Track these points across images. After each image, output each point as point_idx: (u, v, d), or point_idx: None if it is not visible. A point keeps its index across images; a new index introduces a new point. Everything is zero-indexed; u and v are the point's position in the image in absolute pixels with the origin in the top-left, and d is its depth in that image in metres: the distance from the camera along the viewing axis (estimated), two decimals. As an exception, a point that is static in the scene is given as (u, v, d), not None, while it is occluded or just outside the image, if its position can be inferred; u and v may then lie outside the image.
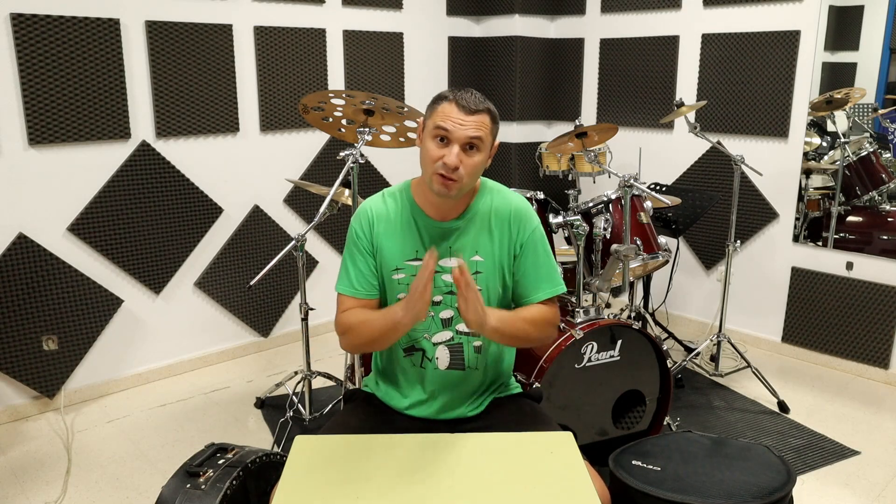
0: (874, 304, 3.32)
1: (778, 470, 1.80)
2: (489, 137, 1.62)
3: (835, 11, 3.30)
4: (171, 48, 3.13)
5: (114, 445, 2.79)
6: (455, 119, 1.57)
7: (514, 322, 1.65)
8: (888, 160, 3.30)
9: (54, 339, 3.00)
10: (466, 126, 1.57)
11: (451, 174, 1.57)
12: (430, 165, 1.60)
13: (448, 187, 1.59)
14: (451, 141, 1.58)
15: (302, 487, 1.35)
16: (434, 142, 1.60)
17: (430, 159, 1.60)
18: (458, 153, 1.57)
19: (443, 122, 1.58)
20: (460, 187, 1.61)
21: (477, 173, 1.63)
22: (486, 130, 1.60)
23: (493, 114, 1.64)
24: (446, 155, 1.57)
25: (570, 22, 4.30)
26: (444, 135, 1.58)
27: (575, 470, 1.41)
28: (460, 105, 1.58)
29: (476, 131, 1.58)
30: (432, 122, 1.61)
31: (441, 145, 1.59)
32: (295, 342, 3.81)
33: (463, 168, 1.58)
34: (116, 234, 3.11)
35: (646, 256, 2.72)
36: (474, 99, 1.61)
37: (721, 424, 2.93)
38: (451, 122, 1.57)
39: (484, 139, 1.60)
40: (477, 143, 1.59)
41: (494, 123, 1.64)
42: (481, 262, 1.70)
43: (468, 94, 1.61)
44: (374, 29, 3.83)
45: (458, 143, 1.57)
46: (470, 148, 1.59)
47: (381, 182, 4.00)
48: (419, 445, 1.51)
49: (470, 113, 1.58)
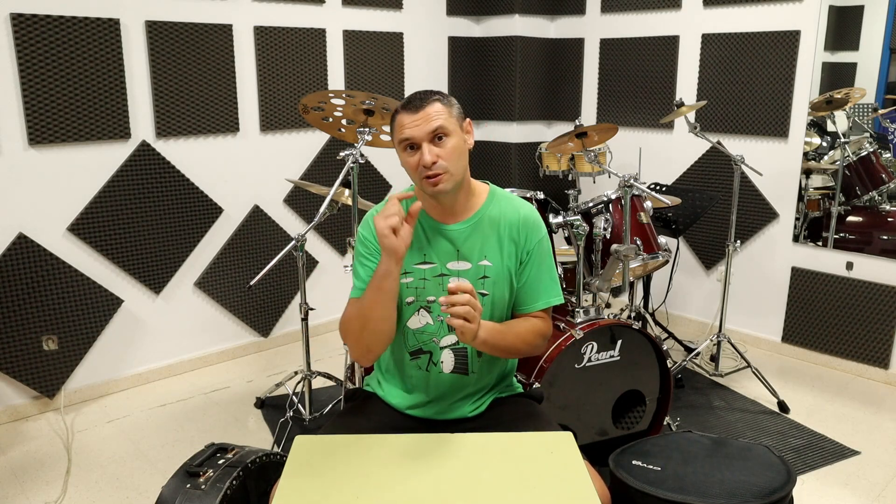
0: (874, 304, 3.32)
1: (778, 470, 1.80)
2: (451, 120, 1.62)
3: (835, 11, 3.30)
4: (171, 48, 3.13)
5: (114, 445, 2.79)
6: (409, 124, 1.60)
7: (504, 335, 1.66)
8: (888, 160, 3.30)
9: (54, 339, 3.00)
10: (420, 122, 1.59)
11: (433, 170, 1.59)
12: (415, 175, 1.63)
13: (438, 182, 1.60)
14: (417, 143, 1.60)
15: (302, 487, 1.35)
16: (406, 153, 1.62)
17: (411, 169, 1.63)
18: (429, 148, 1.59)
19: (401, 132, 1.61)
20: (450, 177, 1.61)
21: (459, 156, 1.63)
22: (443, 116, 1.60)
23: (443, 98, 1.64)
24: (419, 157, 1.60)
25: (570, 22, 4.30)
26: (409, 143, 1.61)
27: (575, 470, 1.41)
28: (408, 109, 1.61)
29: (433, 122, 1.59)
30: (396, 138, 1.64)
31: (413, 153, 1.62)
32: (295, 342, 3.81)
33: (441, 158, 1.60)
34: (116, 234, 3.11)
35: (646, 256, 2.72)
36: (419, 96, 1.63)
37: (721, 424, 2.93)
38: (407, 128, 1.60)
39: (445, 124, 1.60)
40: (441, 132, 1.60)
41: (449, 106, 1.64)
42: (489, 266, 1.70)
43: (414, 95, 1.64)
44: (374, 29, 3.83)
45: (423, 141, 1.59)
46: (438, 139, 1.61)
47: (381, 182, 4.00)
48: (419, 445, 1.51)
49: (418, 110, 1.60)
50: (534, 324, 1.74)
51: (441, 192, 1.62)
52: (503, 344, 1.65)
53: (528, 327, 1.72)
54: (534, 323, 1.74)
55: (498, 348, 1.66)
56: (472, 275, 1.70)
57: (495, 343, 1.63)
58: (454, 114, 1.64)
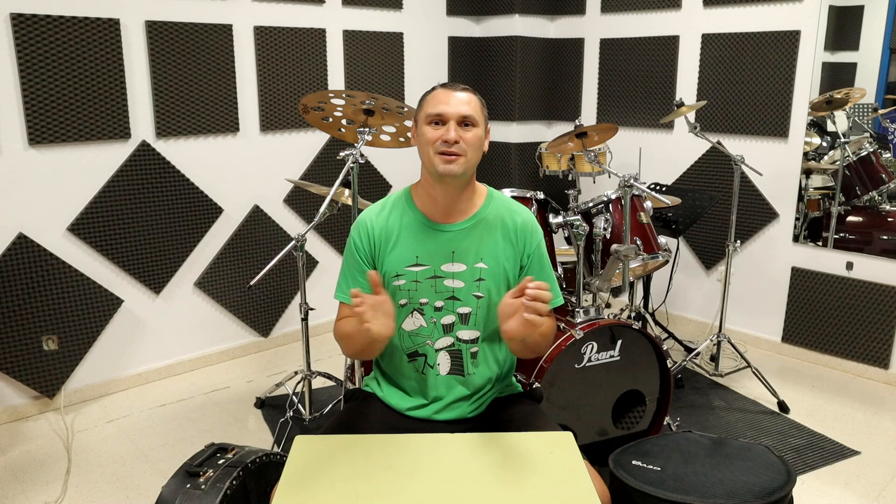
0: (874, 304, 3.32)
1: (778, 470, 1.80)
2: (481, 117, 1.67)
3: (835, 11, 3.30)
4: (171, 48, 3.13)
5: (114, 445, 2.79)
6: (444, 99, 1.63)
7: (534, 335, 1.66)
8: (888, 160, 3.30)
9: (54, 339, 3.00)
10: (454, 103, 1.62)
11: (452, 148, 1.60)
12: (429, 148, 1.63)
13: (452, 161, 1.61)
14: (446, 120, 1.62)
15: (302, 487, 1.35)
16: (429, 127, 1.63)
17: (428, 142, 1.63)
18: (455, 127, 1.61)
19: (434, 106, 1.63)
20: (465, 161, 1.62)
21: (477, 147, 1.65)
22: (477, 109, 1.65)
23: (478, 95, 1.69)
24: (444, 132, 1.61)
25: (570, 22, 4.30)
26: (438, 118, 1.62)
27: (575, 470, 1.41)
28: (446, 87, 1.66)
29: (468, 108, 1.63)
30: (424, 112, 1.65)
31: (437, 128, 1.63)
32: (295, 342, 3.81)
33: (463, 142, 1.61)
34: (116, 234, 3.11)
35: (646, 256, 2.72)
36: (460, 84, 1.69)
37: (721, 424, 2.93)
38: (442, 103, 1.62)
39: (476, 117, 1.64)
40: (470, 120, 1.63)
41: (481, 103, 1.69)
42: (485, 269, 1.70)
43: (454, 83, 1.69)
44: (374, 29, 3.83)
45: (452, 119, 1.61)
46: (465, 125, 1.63)
47: (381, 182, 4.00)
48: (419, 445, 1.51)
49: (456, 91, 1.65)
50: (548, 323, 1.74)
51: (450, 173, 1.62)
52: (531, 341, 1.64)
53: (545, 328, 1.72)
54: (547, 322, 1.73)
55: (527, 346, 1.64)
56: (468, 277, 1.69)
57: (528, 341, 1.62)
58: (483, 112, 1.69)
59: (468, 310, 1.70)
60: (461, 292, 1.69)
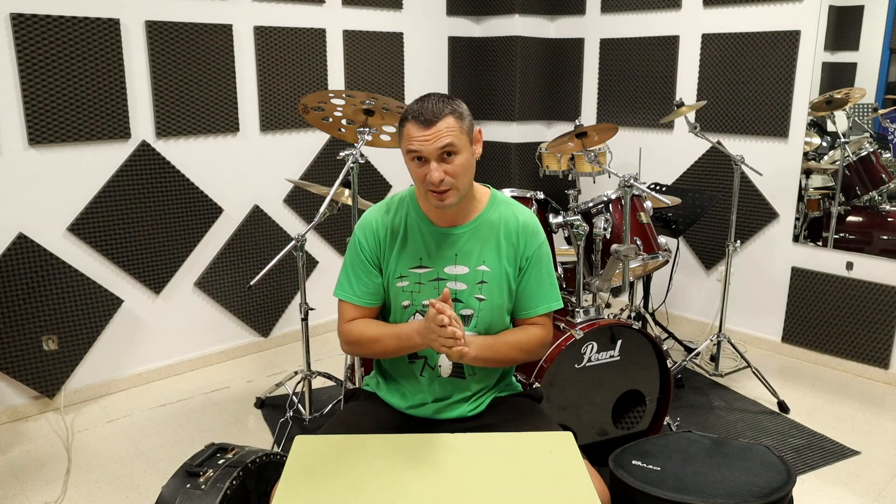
0: (874, 304, 3.32)
1: (778, 470, 1.80)
2: (461, 136, 1.58)
3: (835, 11, 3.30)
4: (171, 48, 3.13)
5: (114, 445, 2.79)
6: (418, 138, 1.55)
7: (497, 348, 1.67)
8: (888, 160, 3.30)
9: (54, 339, 3.00)
10: (431, 139, 1.55)
11: (439, 188, 1.58)
12: (419, 185, 1.63)
13: (443, 199, 1.60)
14: (425, 159, 1.57)
15: (302, 487, 1.35)
16: (414, 163, 1.60)
17: (417, 180, 1.61)
18: (437, 167, 1.56)
19: (410, 144, 1.58)
20: (456, 193, 1.61)
21: (466, 171, 1.61)
22: (454, 133, 1.56)
23: (456, 111, 1.58)
24: (427, 173, 1.57)
25: (570, 22, 4.30)
26: (416, 155, 1.58)
27: (575, 470, 1.41)
28: (419, 122, 1.55)
29: (444, 139, 1.55)
30: (404, 147, 1.61)
31: (420, 164, 1.59)
32: (295, 342, 3.81)
33: (449, 175, 1.57)
34: (116, 234, 3.11)
35: (646, 256, 2.72)
36: (432, 108, 1.56)
37: (721, 424, 2.93)
38: (417, 142, 1.56)
39: (455, 141, 1.56)
40: (451, 149, 1.57)
41: (461, 120, 1.59)
42: (487, 272, 1.70)
43: (426, 105, 1.57)
44: (374, 29, 3.83)
45: (431, 158, 1.56)
46: (448, 155, 1.58)
47: (381, 182, 4.00)
48: (419, 445, 1.51)
49: (430, 125, 1.55)
50: (531, 332, 1.73)
51: (445, 207, 1.62)
52: (497, 357, 1.67)
53: (522, 336, 1.72)
54: (531, 331, 1.73)
55: (492, 362, 1.68)
56: (470, 279, 1.70)
57: (487, 357, 1.65)
58: (465, 128, 1.60)
59: (470, 312, 1.70)
60: (463, 294, 1.70)
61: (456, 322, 1.50)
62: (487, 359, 1.66)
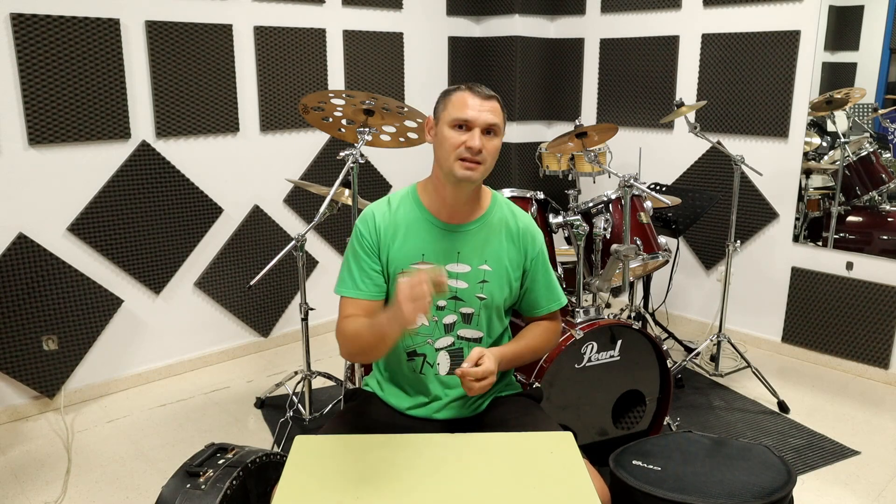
0: (874, 304, 3.32)
1: (778, 470, 1.80)
2: (503, 124, 1.69)
3: (835, 11, 3.30)
4: (171, 48, 3.13)
5: (114, 445, 2.79)
6: (474, 105, 1.62)
7: (516, 354, 1.73)
8: (888, 160, 3.30)
9: (54, 339, 3.00)
10: (485, 110, 1.62)
11: (475, 157, 1.61)
12: (451, 152, 1.63)
13: (472, 169, 1.62)
14: (472, 126, 1.62)
15: (302, 487, 1.35)
16: (453, 130, 1.63)
17: (451, 146, 1.62)
18: (480, 136, 1.61)
19: (461, 111, 1.62)
20: (484, 170, 1.65)
21: (495, 157, 1.68)
22: (501, 118, 1.67)
23: (501, 103, 1.69)
24: (469, 139, 1.61)
25: (570, 22, 4.30)
26: (463, 122, 1.62)
27: (575, 470, 1.41)
28: (475, 92, 1.64)
29: (493, 117, 1.63)
30: (448, 114, 1.64)
31: (461, 132, 1.62)
32: (295, 342, 3.81)
33: (485, 151, 1.63)
34: (116, 234, 3.11)
35: (646, 256, 2.72)
36: (484, 88, 1.67)
37: (721, 424, 2.93)
38: (471, 109, 1.62)
39: (500, 124, 1.66)
40: (494, 129, 1.65)
41: (503, 112, 1.69)
42: (490, 271, 1.72)
43: (479, 85, 1.67)
44: (374, 29, 3.83)
45: (479, 127, 1.62)
46: (488, 133, 1.64)
47: (381, 182, 4.00)
48: (419, 445, 1.51)
49: (486, 99, 1.64)
50: (546, 327, 1.82)
51: (468, 180, 1.63)
52: (516, 361, 1.74)
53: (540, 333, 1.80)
54: (546, 326, 1.82)
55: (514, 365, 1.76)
56: (472, 278, 1.70)
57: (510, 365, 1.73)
58: (504, 120, 1.70)
59: (471, 310, 1.71)
60: (464, 293, 1.70)
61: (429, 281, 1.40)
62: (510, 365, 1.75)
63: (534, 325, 1.82)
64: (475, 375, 1.52)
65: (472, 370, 1.52)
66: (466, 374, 1.52)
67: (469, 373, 1.52)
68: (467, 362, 1.54)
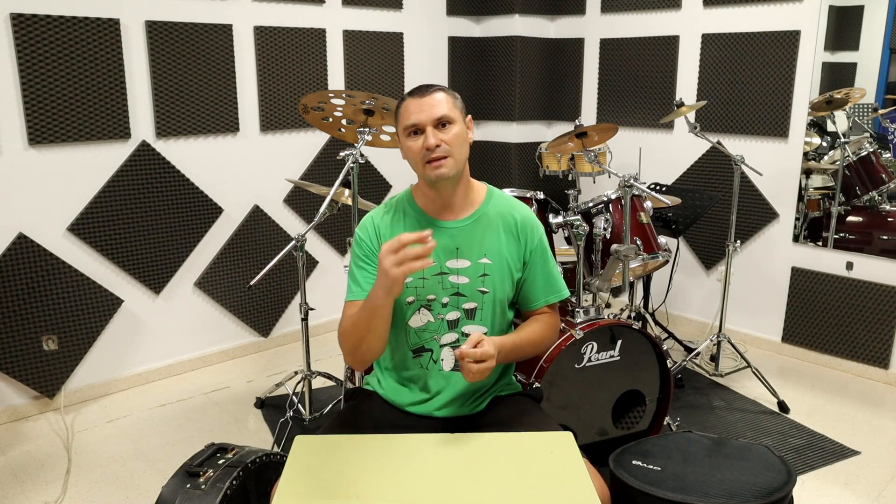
0: (874, 304, 3.32)
1: (778, 470, 1.80)
2: (454, 111, 1.67)
3: (835, 11, 3.30)
4: (171, 48, 3.13)
5: (114, 445, 2.79)
6: (414, 108, 1.64)
7: (516, 344, 1.71)
8: (888, 160, 3.30)
9: (54, 339, 3.00)
10: (425, 108, 1.63)
11: (436, 153, 1.62)
12: (417, 160, 1.66)
13: (440, 166, 1.63)
14: (422, 128, 1.63)
15: (302, 487, 1.35)
16: (410, 139, 1.65)
17: (414, 155, 1.65)
18: (433, 132, 1.62)
19: (406, 118, 1.64)
20: (453, 162, 1.64)
21: (462, 143, 1.67)
22: (448, 105, 1.64)
23: (447, 90, 1.68)
24: (424, 140, 1.62)
25: (570, 22, 4.30)
26: (414, 128, 1.64)
27: (575, 470, 1.41)
28: (415, 95, 1.65)
29: (439, 109, 1.63)
30: (401, 126, 1.67)
31: (416, 138, 1.65)
32: (295, 342, 3.81)
33: (445, 143, 1.63)
34: (116, 234, 3.11)
35: (646, 256, 2.72)
36: (424, 86, 1.68)
37: (721, 424, 2.93)
38: (413, 113, 1.63)
39: (449, 113, 1.65)
40: (445, 119, 1.64)
41: (453, 98, 1.68)
42: (490, 264, 1.72)
43: (418, 87, 1.68)
44: (374, 29, 3.83)
45: (427, 125, 1.63)
46: (442, 125, 1.64)
47: (381, 182, 4.00)
48: (419, 445, 1.51)
49: (424, 96, 1.64)
50: (544, 321, 1.80)
51: (443, 177, 1.64)
52: (516, 354, 1.72)
53: (536, 328, 1.77)
54: (544, 320, 1.80)
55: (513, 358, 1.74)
56: (472, 273, 1.71)
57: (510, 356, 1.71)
58: (457, 105, 1.69)
59: (473, 305, 1.72)
60: (466, 288, 1.71)
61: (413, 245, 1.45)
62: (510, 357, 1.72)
63: (533, 318, 1.81)
64: (474, 357, 1.51)
65: (471, 351, 1.51)
66: (465, 354, 1.51)
67: (468, 353, 1.50)
68: (467, 344, 1.53)
